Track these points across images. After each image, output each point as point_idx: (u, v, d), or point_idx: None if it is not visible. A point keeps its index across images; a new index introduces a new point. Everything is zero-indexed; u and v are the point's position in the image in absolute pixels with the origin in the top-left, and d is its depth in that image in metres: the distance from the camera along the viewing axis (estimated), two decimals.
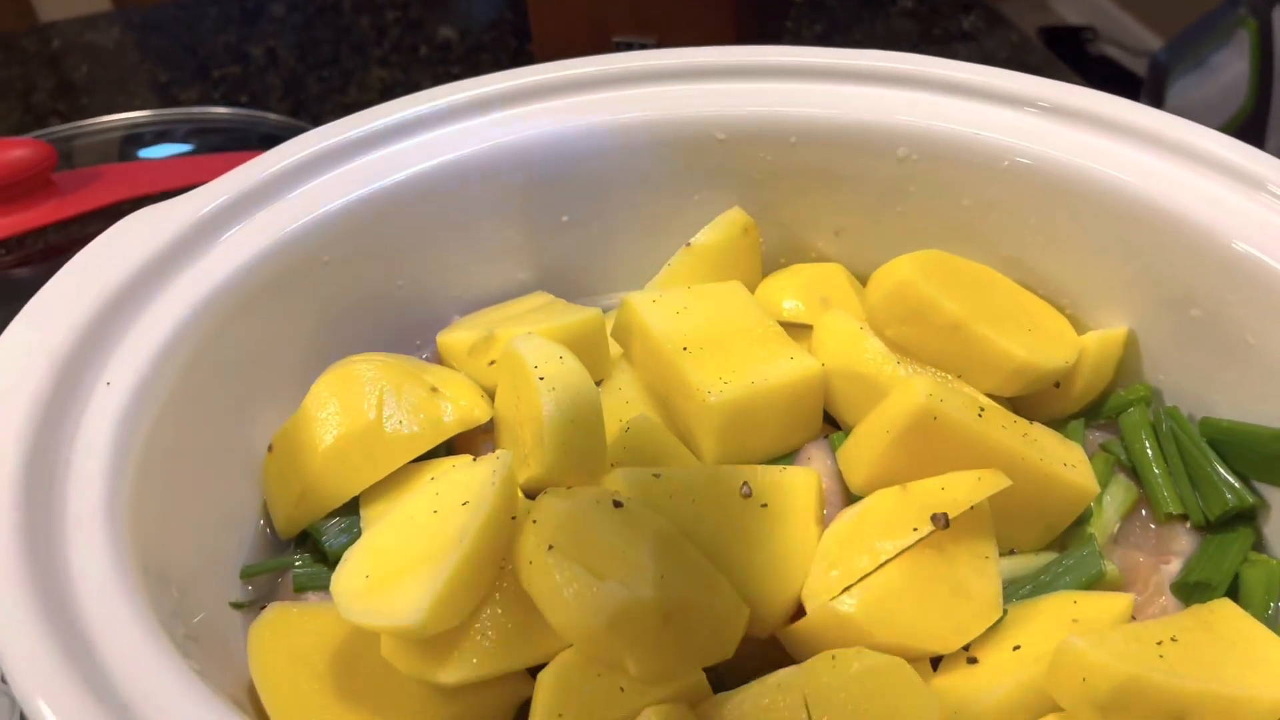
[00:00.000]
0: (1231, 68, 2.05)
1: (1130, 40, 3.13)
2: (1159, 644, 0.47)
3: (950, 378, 0.60)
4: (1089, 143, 0.61)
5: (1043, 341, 0.60)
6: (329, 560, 0.57)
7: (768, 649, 0.53)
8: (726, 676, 0.51)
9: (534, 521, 0.50)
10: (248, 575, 0.58)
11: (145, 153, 1.19)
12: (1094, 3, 3.31)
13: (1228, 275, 0.56)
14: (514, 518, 0.51)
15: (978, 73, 0.64)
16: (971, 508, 0.52)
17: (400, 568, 0.48)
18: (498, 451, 0.52)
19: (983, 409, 0.55)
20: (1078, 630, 0.50)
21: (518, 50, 1.34)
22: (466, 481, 0.51)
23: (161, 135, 1.20)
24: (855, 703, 0.46)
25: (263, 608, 0.53)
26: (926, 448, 0.54)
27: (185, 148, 1.18)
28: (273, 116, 1.17)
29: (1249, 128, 2.00)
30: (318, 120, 0.90)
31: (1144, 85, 2.00)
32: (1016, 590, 0.55)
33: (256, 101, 1.28)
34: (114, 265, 0.55)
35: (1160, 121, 0.60)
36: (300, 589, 0.57)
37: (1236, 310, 0.57)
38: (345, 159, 0.64)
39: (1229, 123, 2.02)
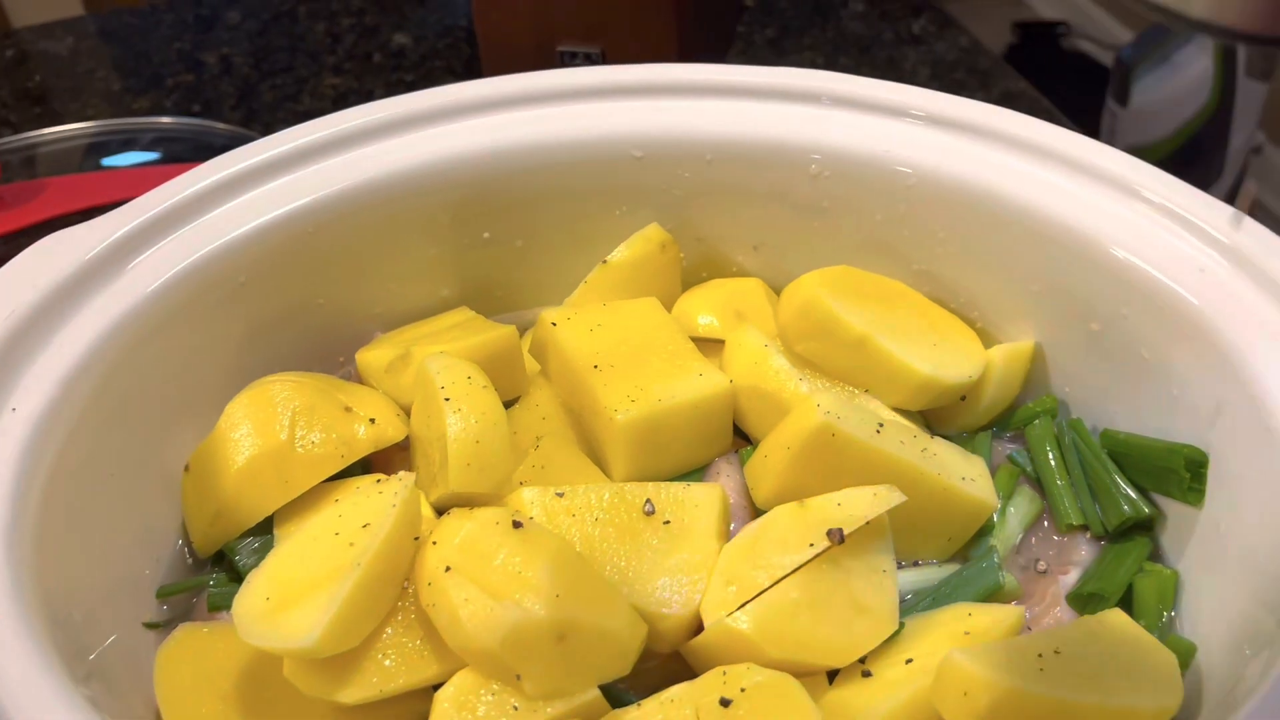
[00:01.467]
0: (1196, 64, 2.06)
1: (1103, 35, 3.14)
2: (1040, 656, 0.48)
3: (858, 393, 0.61)
4: (991, 158, 0.62)
5: (947, 356, 0.61)
6: (243, 579, 0.58)
7: (673, 664, 0.54)
8: (632, 693, 0.52)
9: (434, 543, 0.51)
10: (164, 595, 0.59)
11: (109, 161, 1.20)
12: None
13: (1119, 288, 0.57)
14: (417, 538, 0.52)
15: (886, 89, 0.65)
16: (868, 522, 0.53)
17: (300, 590, 0.49)
18: (400, 474, 0.53)
19: (881, 425, 0.56)
20: (968, 643, 0.51)
21: (471, 57, 1.34)
22: (369, 503, 0.52)
23: (126, 144, 1.20)
24: (742, 716, 0.47)
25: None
26: (826, 463, 0.55)
27: (151, 156, 1.18)
28: (220, 126, 1.17)
29: (1213, 123, 2.02)
30: (270, 129, 0.90)
31: (1110, 82, 2.02)
32: (918, 603, 0.56)
33: (210, 110, 1.29)
34: (22, 290, 0.55)
35: (1054, 136, 0.61)
36: (214, 608, 0.58)
37: (1132, 324, 0.58)
38: (265, 179, 0.64)
39: (1194, 119, 2.03)
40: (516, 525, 0.51)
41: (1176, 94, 2.02)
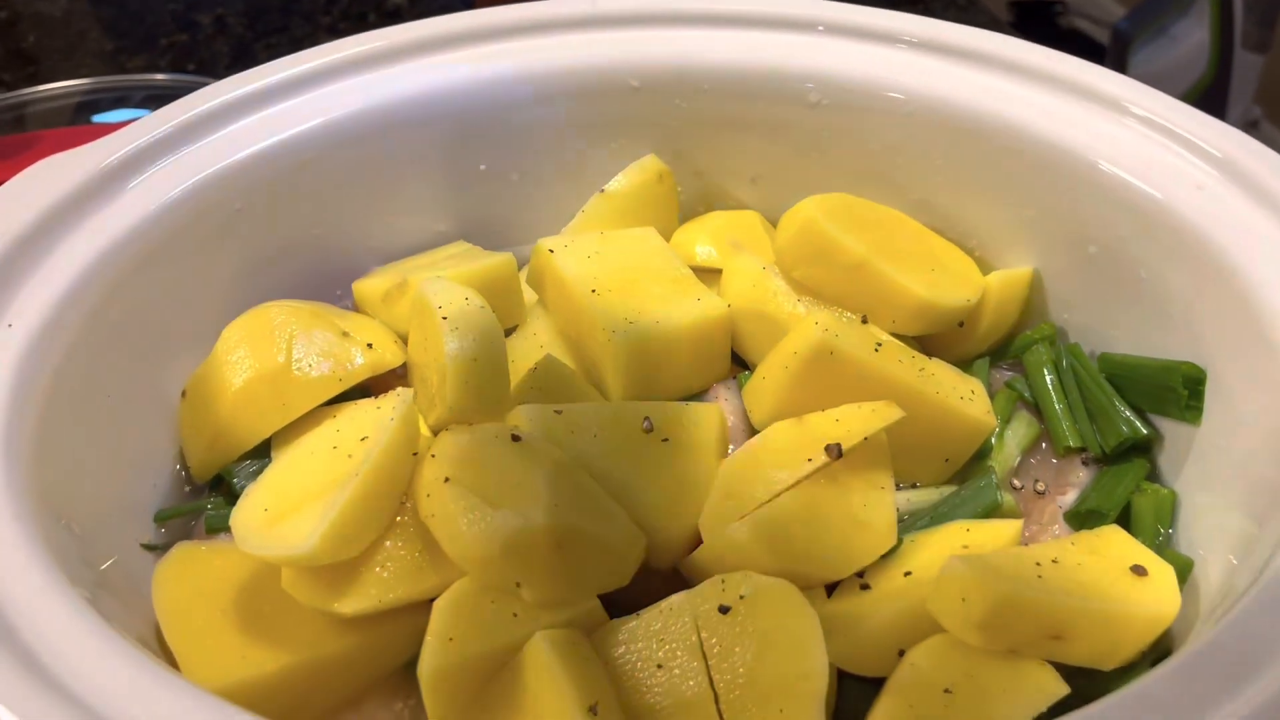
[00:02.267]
0: (1192, 36, 2.05)
1: (1098, 12, 3.13)
2: (1038, 565, 0.48)
3: (855, 317, 0.61)
4: (987, 83, 0.62)
5: (945, 280, 0.61)
6: None
7: (671, 581, 0.54)
8: (630, 608, 0.52)
9: (433, 456, 0.51)
10: (162, 519, 0.59)
11: (99, 118, 1.19)
12: None
13: (1116, 209, 0.57)
14: (415, 454, 0.52)
15: (881, 17, 0.65)
16: (867, 439, 0.53)
17: (298, 501, 0.49)
18: (399, 389, 0.53)
19: (880, 344, 0.56)
20: (966, 555, 0.51)
21: None
22: (367, 419, 0.52)
23: (117, 102, 1.20)
24: (741, 622, 0.47)
25: None
26: (824, 382, 0.55)
27: (142, 113, 1.18)
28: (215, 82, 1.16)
29: (1210, 96, 2.01)
30: None
31: (1106, 55, 2.01)
32: (915, 522, 0.56)
33: (204, 70, 1.28)
34: (16, 212, 0.55)
35: (1047, 59, 0.61)
36: (212, 531, 0.57)
37: (1130, 245, 0.58)
38: (258, 107, 0.64)
39: (1190, 91, 2.03)
40: (515, 439, 0.51)
41: (1173, 67, 2.02)
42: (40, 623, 0.43)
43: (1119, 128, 0.58)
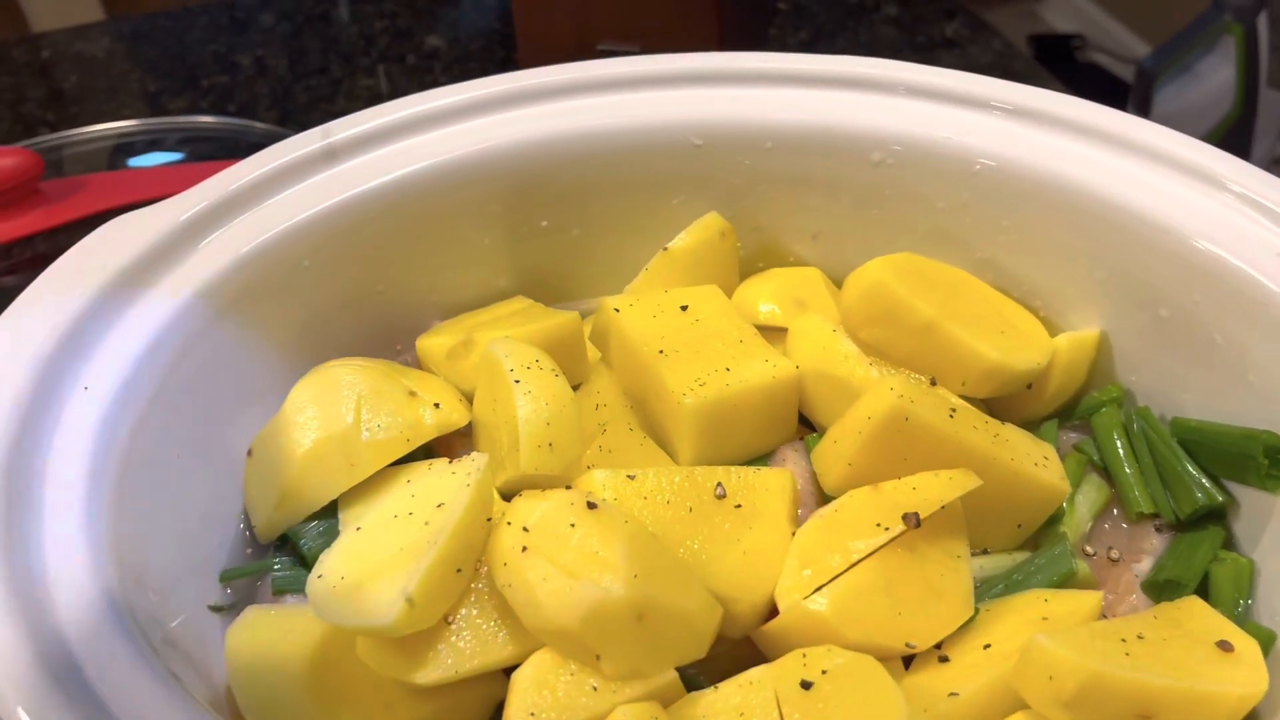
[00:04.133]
0: (1217, 74, 2.06)
1: (1119, 48, 3.15)
2: (1124, 641, 0.48)
3: (924, 380, 0.61)
4: (1057, 145, 0.62)
5: (1015, 343, 0.61)
6: (308, 563, 0.58)
7: (742, 650, 0.54)
8: (702, 678, 0.51)
9: (508, 523, 0.50)
10: (227, 579, 0.58)
11: (135, 161, 1.20)
12: (1083, 10, 3.33)
13: (1192, 274, 0.57)
14: (489, 519, 0.51)
15: (949, 77, 0.65)
16: (943, 507, 0.53)
17: (376, 568, 0.49)
18: (473, 454, 0.53)
19: (954, 410, 0.56)
20: (1047, 628, 0.50)
21: (505, 59, 1.34)
22: (442, 483, 0.52)
23: (151, 144, 1.21)
24: (826, 699, 0.46)
25: (241, 611, 0.54)
26: (899, 448, 0.55)
27: (175, 156, 1.19)
28: (260, 125, 1.18)
29: (1235, 133, 2.01)
30: (305, 129, 0.91)
31: (1131, 92, 2.02)
32: (989, 589, 0.55)
33: (245, 111, 1.29)
34: (93, 271, 0.55)
35: (1123, 123, 0.61)
36: (279, 592, 0.57)
37: (1203, 310, 0.57)
38: (324, 166, 0.64)
39: (1216, 128, 2.03)
40: (591, 506, 0.51)
41: (1198, 104, 2.02)
42: (117, 681, 0.42)
43: (1196, 193, 0.58)
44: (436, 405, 0.60)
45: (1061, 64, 2.98)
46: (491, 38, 1.39)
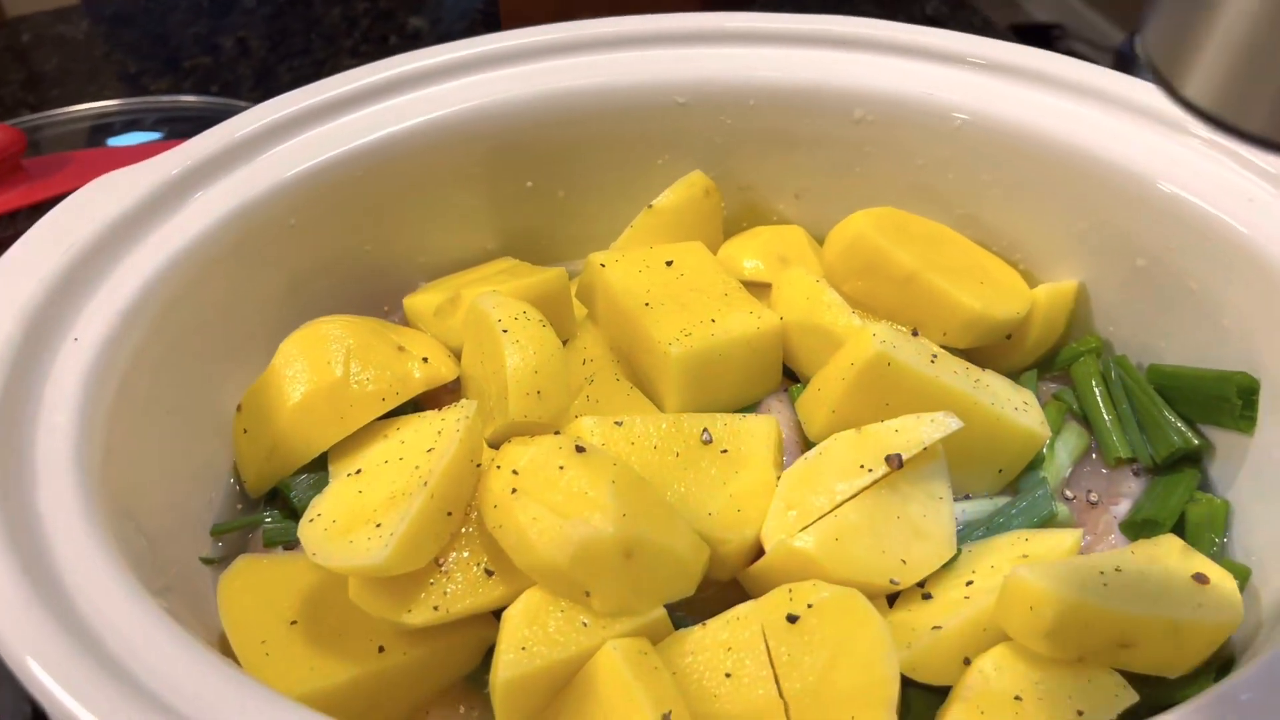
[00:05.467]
0: None
1: (1098, 37, 3.17)
2: (1102, 574, 0.49)
3: (906, 330, 0.62)
4: (1035, 99, 0.63)
5: (995, 293, 0.62)
6: (298, 515, 0.58)
7: (730, 594, 0.54)
8: (690, 618, 0.52)
9: (498, 467, 0.51)
10: (218, 533, 0.59)
11: (114, 141, 1.20)
12: (1062, 0, 3.36)
13: (1164, 221, 0.58)
14: (479, 465, 0.52)
15: (928, 34, 0.66)
16: (925, 449, 0.54)
17: (366, 512, 0.49)
18: (462, 401, 0.53)
19: (935, 355, 0.56)
20: (1028, 564, 0.51)
21: None
22: (431, 430, 0.53)
23: (130, 124, 1.20)
24: (811, 632, 0.47)
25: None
26: (881, 394, 0.56)
27: (154, 135, 1.18)
28: (241, 104, 1.17)
29: None
30: None
31: None
32: (971, 532, 0.56)
33: (227, 92, 1.29)
34: (82, 224, 0.56)
35: (1098, 76, 0.62)
36: (270, 544, 0.58)
37: (1178, 257, 0.59)
38: (311, 124, 0.65)
39: None
40: (579, 450, 0.51)
41: None
42: (122, 628, 0.42)
43: (1170, 142, 0.59)
44: (425, 359, 0.60)
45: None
46: (474, 19, 1.39)
